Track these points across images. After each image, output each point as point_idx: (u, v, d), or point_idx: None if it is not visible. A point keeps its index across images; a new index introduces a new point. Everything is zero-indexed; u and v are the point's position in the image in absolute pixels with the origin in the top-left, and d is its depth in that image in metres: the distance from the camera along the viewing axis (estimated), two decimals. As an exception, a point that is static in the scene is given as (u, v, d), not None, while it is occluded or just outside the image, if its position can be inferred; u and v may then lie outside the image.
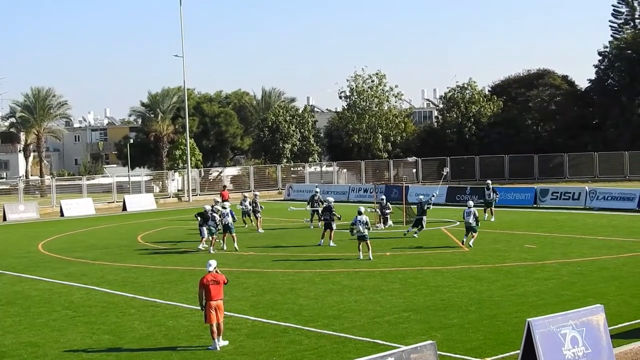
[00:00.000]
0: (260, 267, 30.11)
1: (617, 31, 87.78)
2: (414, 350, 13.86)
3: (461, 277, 26.54)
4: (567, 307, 19.12)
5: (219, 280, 18.90)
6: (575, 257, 29.96)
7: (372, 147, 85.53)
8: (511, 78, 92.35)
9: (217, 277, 18.90)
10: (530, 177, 75.90)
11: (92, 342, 19.61)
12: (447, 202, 55.38)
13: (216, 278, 18.90)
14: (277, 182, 77.22)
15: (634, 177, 71.92)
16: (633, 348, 17.50)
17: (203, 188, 77.07)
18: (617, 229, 38.57)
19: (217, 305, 18.73)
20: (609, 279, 25.39)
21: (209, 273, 18.92)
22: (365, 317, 21.13)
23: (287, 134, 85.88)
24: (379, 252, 32.41)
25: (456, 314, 21.15)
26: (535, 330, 14.96)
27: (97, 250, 37.46)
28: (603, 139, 79.22)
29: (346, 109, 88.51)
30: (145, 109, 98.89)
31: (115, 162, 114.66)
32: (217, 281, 18.88)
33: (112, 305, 23.94)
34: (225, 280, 19.11)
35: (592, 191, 50.14)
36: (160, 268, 30.86)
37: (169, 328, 20.75)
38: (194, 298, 24.50)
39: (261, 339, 19.25)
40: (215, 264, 19.21)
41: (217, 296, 18.77)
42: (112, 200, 67.35)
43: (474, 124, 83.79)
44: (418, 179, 78.66)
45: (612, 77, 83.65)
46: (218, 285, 18.85)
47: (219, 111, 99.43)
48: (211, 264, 19.08)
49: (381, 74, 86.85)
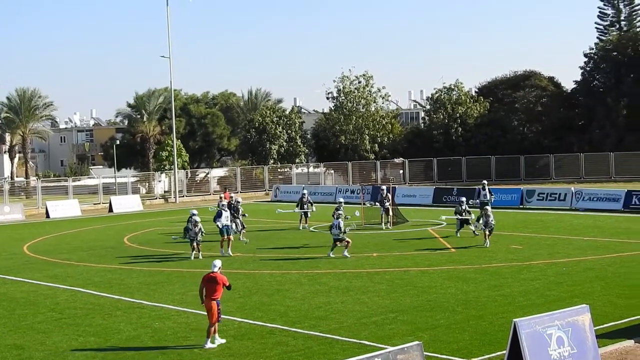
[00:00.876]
0: (247, 269, 30.07)
1: (602, 33, 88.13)
2: (401, 351, 13.86)
3: (448, 278, 26.58)
4: (553, 308, 19.17)
5: (217, 280, 18.87)
6: (561, 257, 30.05)
7: (359, 148, 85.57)
8: (498, 79, 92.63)
9: (216, 277, 18.91)
10: (517, 178, 76.10)
11: (77, 344, 19.54)
12: (434, 203, 55.48)
13: (213, 278, 18.92)
14: (264, 183, 77.17)
15: (620, 178, 72.20)
16: (618, 348, 17.55)
17: (190, 189, 77.00)
18: (602, 230, 38.70)
19: (206, 305, 18.83)
20: (595, 279, 25.47)
21: (211, 272, 19.00)
22: (352, 318, 21.13)
23: (274, 135, 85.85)
24: (366, 254, 32.44)
25: (443, 314, 21.17)
26: (521, 331, 14.99)
27: (83, 251, 37.33)
28: (589, 140, 79.50)
29: (333, 110, 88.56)
30: (132, 109, 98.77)
31: (102, 163, 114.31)
32: (214, 281, 18.88)
33: (98, 307, 23.86)
34: (224, 282, 18.99)
35: (578, 192, 50.31)
36: (147, 269, 30.78)
37: (155, 330, 20.70)
38: (180, 299, 24.52)
39: (248, 341, 19.22)
40: (219, 264, 19.23)
41: (210, 295, 18.80)
42: (98, 201, 67.19)
43: (461, 125, 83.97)
44: (405, 180, 78.75)
45: (598, 78, 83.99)
46: (213, 285, 18.86)
47: (205, 112, 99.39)
48: (215, 265, 19.12)
49: (368, 75, 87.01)
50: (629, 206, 47.01)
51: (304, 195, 43.47)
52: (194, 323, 21.23)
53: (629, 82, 78.49)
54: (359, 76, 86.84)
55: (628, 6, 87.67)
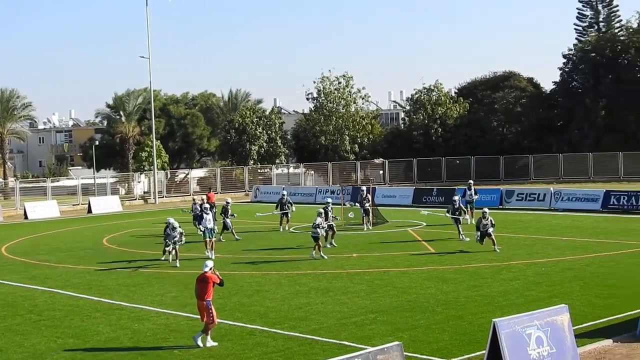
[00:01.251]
0: (227, 270, 29.98)
1: (581, 34, 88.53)
2: (381, 351, 13.88)
3: (427, 278, 26.63)
4: (532, 308, 19.25)
5: (207, 280, 19.00)
6: (540, 257, 30.16)
7: (339, 149, 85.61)
8: (477, 80, 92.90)
9: (205, 277, 19.05)
10: (496, 179, 76.34)
11: (56, 346, 19.45)
12: (414, 204, 55.55)
13: (204, 278, 19.07)
14: (244, 183, 77.08)
15: (598, 179, 72.57)
16: (597, 347, 17.64)
17: (169, 190, 76.80)
18: (581, 230, 38.88)
19: (198, 305, 19.13)
20: (573, 279, 25.59)
21: (203, 272, 19.21)
22: (332, 318, 21.14)
23: (254, 135, 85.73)
24: (346, 254, 32.47)
25: (422, 315, 21.21)
26: (500, 331, 15.04)
27: (62, 253, 37.17)
28: (568, 140, 79.86)
29: (313, 110, 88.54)
30: (111, 110, 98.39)
31: (81, 164, 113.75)
32: (205, 281, 19.04)
33: (77, 309, 23.76)
34: (216, 280, 19.12)
35: (556, 192, 50.51)
36: (126, 271, 30.67)
37: (134, 331, 20.63)
38: (159, 301, 24.46)
39: (228, 342, 19.19)
40: (211, 264, 19.39)
41: (201, 296, 19.00)
42: (77, 202, 66.86)
43: (441, 126, 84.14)
44: (385, 180, 78.86)
45: (577, 79, 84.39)
46: (204, 285, 19.03)
47: (185, 113, 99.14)
48: (206, 265, 19.29)
49: (348, 76, 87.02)
50: (607, 206, 47.26)
51: (283, 196, 43.27)
52: (174, 324, 21.19)
53: (607, 83, 78.91)
54: (338, 77, 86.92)
55: (606, 7, 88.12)
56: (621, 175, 72.44)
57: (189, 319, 21.64)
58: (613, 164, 73.55)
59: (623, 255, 30.30)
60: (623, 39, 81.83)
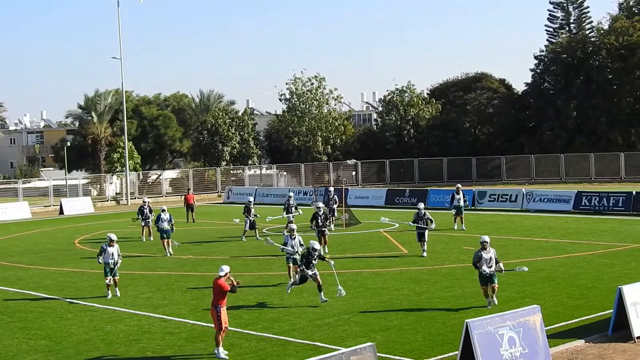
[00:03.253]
0: (200, 271, 29.95)
1: (553, 35, 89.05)
2: (354, 352, 13.91)
3: (400, 279, 26.70)
4: (505, 308, 19.36)
5: (221, 287, 18.33)
6: (513, 258, 30.27)
7: (312, 150, 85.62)
8: (449, 81, 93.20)
9: (216, 283, 18.43)
10: (468, 179, 76.62)
11: (28, 347, 19.33)
12: (387, 205, 55.67)
13: (214, 283, 18.48)
14: (217, 185, 76.95)
15: (570, 179, 73.08)
16: (569, 348, 17.75)
17: (142, 191, 76.48)
18: (553, 231, 39.10)
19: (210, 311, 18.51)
20: (545, 279, 25.73)
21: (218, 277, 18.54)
22: (305, 319, 21.15)
23: (226, 136, 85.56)
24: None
25: (395, 315, 21.26)
26: (473, 331, 15.12)
27: (33, 254, 36.95)
28: (539, 141, 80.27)
29: (286, 111, 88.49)
30: (82, 111, 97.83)
31: (52, 165, 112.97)
32: (215, 287, 18.44)
33: (48, 310, 23.64)
34: (225, 288, 18.34)
35: (529, 193, 50.75)
36: (98, 272, 30.43)
37: (107, 333, 20.55)
38: (132, 302, 24.37)
39: (201, 343, 19.16)
40: (226, 269, 18.64)
41: (213, 301, 18.37)
42: (48, 203, 66.50)
43: (413, 127, 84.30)
44: (358, 181, 78.97)
45: (548, 80, 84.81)
46: (215, 290, 18.42)
47: (157, 114, 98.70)
48: (221, 269, 18.59)
49: (320, 77, 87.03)
50: (578, 207, 47.56)
51: (289, 197, 41.52)
52: (146, 326, 21.12)
53: (578, 84, 79.42)
54: (311, 78, 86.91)
55: (577, 9, 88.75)
56: (592, 176, 72.98)
57: (162, 321, 21.59)
58: (584, 165, 74.12)
59: (594, 256, 30.50)
60: (594, 40, 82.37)
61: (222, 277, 18.45)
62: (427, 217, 31.56)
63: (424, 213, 31.62)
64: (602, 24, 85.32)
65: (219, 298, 18.29)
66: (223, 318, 18.16)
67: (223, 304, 18.27)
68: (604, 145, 76.32)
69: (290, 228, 26.06)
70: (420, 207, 31.98)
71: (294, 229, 25.91)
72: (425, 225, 31.48)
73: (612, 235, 36.66)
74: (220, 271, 18.53)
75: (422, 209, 31.87)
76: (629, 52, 77.98)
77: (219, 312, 18.18)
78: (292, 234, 25.64)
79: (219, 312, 18.18)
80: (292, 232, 25.72)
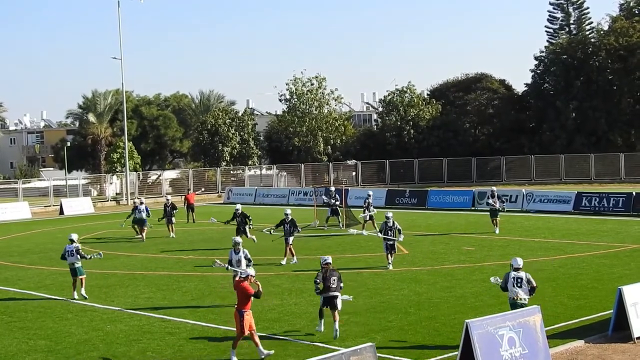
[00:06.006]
0: (200, 271, 29.95)
1: (552, 36, 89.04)
2: (354, 352, 13.92)
3: (400, 280, 26.70)
4: (505, 309, 19.33)
5: (245, 290, 17.92)
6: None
7: (312, 150, 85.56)
8: (449, 82, 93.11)
9: (239, 285, 18.04)
10: (468, 180, 76.66)
11: (28, 347, 19.34)
12: (387, 205, 55.64)
13: (238, 285, 18.10)
14: (217, 185, 76.93)
15: (570, 180, 73.05)
16: (569, 348, 17.76)
17: (142, 191, 76.39)
18: (553, 231, 39.10)
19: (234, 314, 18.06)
20: (546, 280, 25.71)
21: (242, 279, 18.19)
22: (306, 319, 21.14)
23: (226, 137, 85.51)
24: (318, 255, 32.37)
25: (395, 316, 21.27)
26: (473, 332, 15.13)
27: (34, 254, 36.95)
28: (539, 142, 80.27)
29: (286, 112, 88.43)
30: (82, 111, 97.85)
31: (52, 166, 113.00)
32: (239, 289, 18.02)
33: (49, 310, 23.65)
34: (249, 291, 17.87)
35: (529, 194, 50.73)
36: (98, 272, 30.50)
37: (107, 333, 20.55)
38: (132, 302, 24.38)
39: (201, 343, 19.17)
40: (251, 272, 18.38)
41: (238, 305, 17.94)
42: (49, 204, 66.47)
43: (413, 127, 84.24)
44: (358, 182, 78.95)
45: (548, 81, 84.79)
46: (238, 293, 18.02)
47: (157, 114, 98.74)
48: (245, 272, 18.14)
49: (321, 77, 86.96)
50: (579, 208, 47.57)
51: (369, 196, 41.57)
52: (146, 326, 21.13)
53: (578, 85, 79.43)
54: (311, 78, 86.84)
55: (577, 10, 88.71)
56: (592, 177, 72.99)
57: (162, 321, 21.60)
58: (584, 166, 74.14)
59: (595, 257, 30.51)
60: (594, 41, 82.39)
61: (245, 280, 18.09)
62: (396, 227, 29.45)
63: (392, 222, 29.47)
64: (602, 25, 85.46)
65: (244, 302, 17.83)
66: (246, 323, 17.72)
67: (247, 308, 17.79)
68: (604, 145, 76.33)
69: (234, 242, 24.17)
70: (388, 217, 29.76)
71: (239, 243, 24.10)
72: (394, 236, 29.46)
73: (612, 235, 36.68)
74: (242, 273, 18.19)
75: (390, 217, 29.69)
76: (629, 52, 78.01)
77: (242, 317, 17.71)
78: (236, 249, 23.88)
79: (242, 317, 17.71)
80: (237, 245, 23.92)
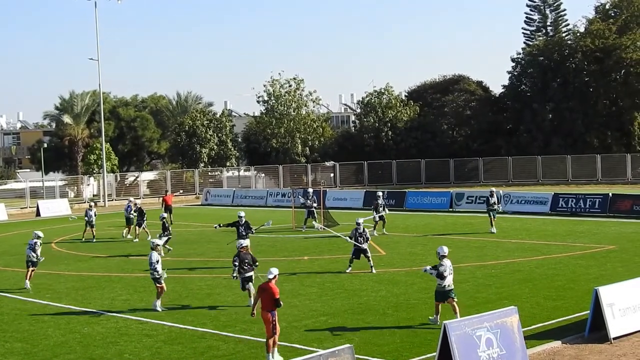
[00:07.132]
0: (177, 273, 29.83)
1: (529, 38, 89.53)
2: (332, 354, 13.91)
3: (378, 281, 26.72)
4: (482, 309, 19.42)
5: (273, 292, 17.63)
6: (490, 260, 30.40)
7: (291, 152, 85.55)
8: (427, 83, 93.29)
9: (268, 287, 17.73)
10: (446, 181, 76.88)
11: (4, 350, 19.21)
12: (365, 206, 55.64)
13: (266, 288, 17.78)
14: (195, 186, 76.77)
15: (547, 181, 73.43)
16: (546, 349, 17.82)
17: (119, 193, 76.14)
18: (530, 232, 39.24)
19: (262, 316, 17.74)
20: (523, 281, 25.82)
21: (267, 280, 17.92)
22: (283, 321, 21.08)
23: (204, 138, 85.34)
24: (297, 257, 32.44)
25: (373, 317, 21.28)
26: (451, 333, 15.16)
27: (9, 256, 36.72)
28: (516, 143, 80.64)
29: (264, 113, 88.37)
30: (59, 112, 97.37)
31: (29, 167, 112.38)
32: (266, 291, 17.71)
33: (25, 313, 23.50)
34: (275, 294, 17.59)
35: (506, 195, 50.85)
36: (75, 274, 30.38)
37: (84, 335, 20.44)
38: (109, 304, 24.27)
39: (178, 345, 19.10)
40: (275, 272, 18.04)
41: (264, 306, 17.66)
42: (25, 205, 66.09)
43: (391, 129, 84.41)
44: (336, 183, 79.00)
45: (525, 83, 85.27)
46: (266, 295, 17.71)
47: (135, 115, 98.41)
48: (270, 272, 17.93)
49: (299, 79, 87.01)
50: (555, 209, 47.78)
51: (379, 197, 41.23)
52: (124, 328, 21.03)
53: (554, 87, 79.86)
54: (289, 80, 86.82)
55: (554, 12, 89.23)
56: (569, 178, 73.40)
57: (139, 323, 21.51)
58: (561, 167, 74.57)
59: (571, 257, 30.63)
60: (570, 43, 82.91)
61: (272, 280, 17.85)
62: (366, 235, 28.79)
63: (363, 229, 28.76)
64: (578, 27, 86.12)
65: (270, 304, 17.60)
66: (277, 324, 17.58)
67: (275, 309, 17.62)
68: (581, 147, 76.78)
69: (153, 244, 23.97)
70: (359, 222, 29.02)
71: (158, 244, 24.17)
72: (363, 242, 28.62)
73: (588, 236, 36.85)
74: (269, 274, 17.92)
75: (361, 223, 28.97)
76: (605, 54, 78.52)
77: (274, 317, 17.50)
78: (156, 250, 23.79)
79: (274, 317, 17.48)
80: (156, 248, 23.84)
